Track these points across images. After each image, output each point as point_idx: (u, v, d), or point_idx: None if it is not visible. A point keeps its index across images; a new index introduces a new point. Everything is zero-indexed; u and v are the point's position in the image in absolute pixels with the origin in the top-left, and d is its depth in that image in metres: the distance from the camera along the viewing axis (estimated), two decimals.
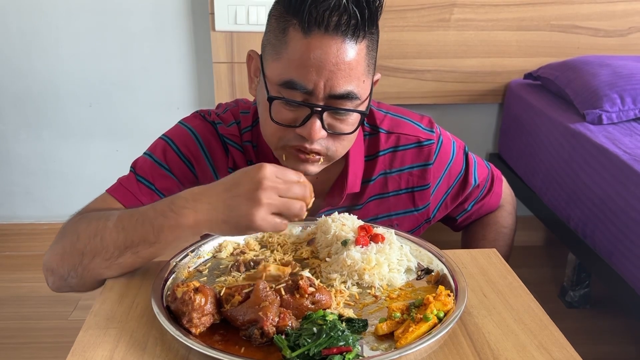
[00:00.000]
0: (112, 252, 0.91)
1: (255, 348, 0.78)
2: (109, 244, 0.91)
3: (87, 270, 0.94)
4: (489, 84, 2.50)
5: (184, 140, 1.12)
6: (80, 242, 0.93)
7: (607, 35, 2.44)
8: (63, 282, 0.98)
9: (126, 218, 0.91)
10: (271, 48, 0.99)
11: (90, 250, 0.92)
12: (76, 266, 0.94)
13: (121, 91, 2.51)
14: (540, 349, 0.81)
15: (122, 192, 1.08)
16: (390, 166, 1.18)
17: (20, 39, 2.42)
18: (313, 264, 1.00)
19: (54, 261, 0.97)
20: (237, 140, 1.13)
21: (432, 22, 2.37)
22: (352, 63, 0.95)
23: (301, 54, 0.93)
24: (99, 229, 0.92)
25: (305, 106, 0.96)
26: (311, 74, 0.93)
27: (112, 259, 0.92)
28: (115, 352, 0.78)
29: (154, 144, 1.14)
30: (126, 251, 0.91)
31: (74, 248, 0.94)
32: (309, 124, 0.97)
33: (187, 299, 0.80)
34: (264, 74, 1.00)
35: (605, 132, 1.88)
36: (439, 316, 0.83)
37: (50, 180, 2.61)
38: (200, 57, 2.47)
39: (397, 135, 1.18)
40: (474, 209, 1.30)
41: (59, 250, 0.97)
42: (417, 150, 1.18)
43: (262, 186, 0.82)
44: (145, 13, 2.40)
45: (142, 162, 1.12)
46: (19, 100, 2.51)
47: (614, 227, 1.68)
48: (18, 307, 2.27)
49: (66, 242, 0.96)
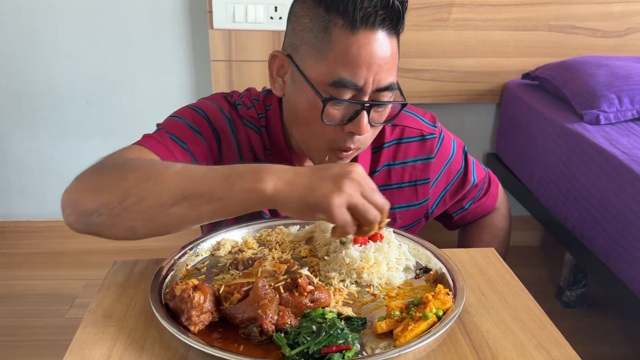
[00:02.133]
0: (166, 199, 0.84)
1: (254, 346, 0.77)
2: (164, 190, 0.84)
3: (127, 213, 0.86)
4: (486, 84, 2.50)
5: (213, 113, 1.11)
6: (127, 181, 0.86)
7: (604, 36, 2.45)
8: (84, 218, 0.89)
9: (193, 169, 0.86)
10: (311, 49, 0.99)
11: (138, 191, 0.85)
12: (113, 205, 0.86)
13: (118, 89, 2.50)
14: (538, 347, 0.81)
15: (155, 145, 1.02)
16: (394, 158, 1.20)
17: (17, 37, 2.41)
18: (311, 263, 1.00)
19: (82, 194, 0.89)
20: (255, 123, 1.13)
21: (430, 21, 2.38)
22: (392, 56, 0.99)
23: (350, 51, 0.95)
24: (154, 173, 0.86)
25: (356, 103, 0.98)
26: (362, 70, 0.96)
27: (162, 207, 0.84)
28: (114, 350, 0.78)
29: (181, 110, 1.11)
30: (183, 202, 0.83)
31: (117, 185, 0.86)
32: (358, 120, 0.99)
33: (186, 296, 0.80)
34: (306, 77, 0.99)
35: (603, 132, 1.89)
36: (437, 315, 0.83)
37: (46, 178, 2.60)
38: (198, 55, 2.46)
39: (401, 127, 1.20)
40: (470, 208, 1.31)
41: (92, 183, 0.89)
42: (421, 144, 1.20)
43: (349, 176, 0.81)
44: (142, 11, 2.40)
45: (170, 122, 1.08)
46: (15, 98, 2.50)
47: (610, 227, 1.68)
48: (14, 305, 2.26)
49: (106, 178, 0.89)
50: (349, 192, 0.80)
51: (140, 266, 0.99)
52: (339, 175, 0.81)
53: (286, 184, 0.81)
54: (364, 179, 0.82)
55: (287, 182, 0.82)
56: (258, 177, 0.82)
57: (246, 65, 2.32)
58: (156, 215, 0.85)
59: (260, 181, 0.82)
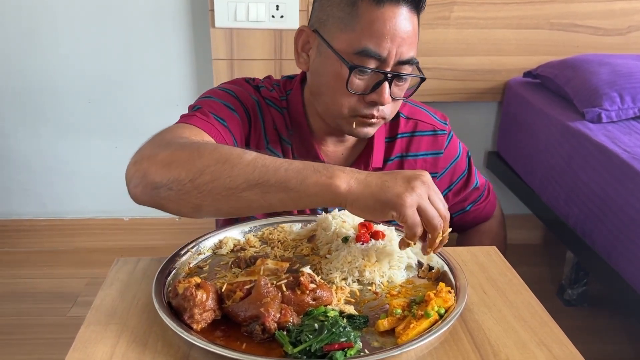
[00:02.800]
0: (240, 183, 0.86)
1: (256, 344, 0.78)
2: (239, 174, 0.86)
3: (197, 191, 0.88)
4: (488, 82, 2.50)
5: (242, 93, 1.16)
6: (202, 160, 0.88)
7: (606, 34, 2.44)
8: (152, 190, 0.90)
9: (268, 159, 0.88)
10: (337, 22, 1.05)
11: (213, 172, 0.87)
12: (184, 181, 0.88)
13: (120, 88, 2.50)
14: (540, 345, 0.81)
15: (204, 124, 1.04)
16: (407, 149, 1.24)
17: (19, 36, 2.41)
18: (313, 261, 1.01)
19: (155, 167, 0.90)
20: (278, 104, 1.18)
21: (432, 19, 2.37)
22: (414, 31, 1.06)
23: (375, 24, 1.02)
24: (231, 156, 0.88)
25: (379, 73, 1.04)
26: (386, 42, 1.02)
27: (235, 190, 0.86)
28: (117, 348, 0.78)
29: (210, 92, 1.14)
30: (256, 187, 0.86)
31: (192, 164, 0.88)
32: (381, 90, 1.05)
33: (189, 294, 0.80)
34: (332, 47, 1.05)
35: (605, 130, 1.89)
36: (439, 313, 0.83)
37: (48, 176, 2.60)
38: (199, 54, 2.46)
39: (415, 121, 1.25)
40: (471, 210, 1.35)
41: (165, 157, 0.90)
42: (432, 139, 1.25)
43: (420, 178, 0.85)
44: (144, 10, 2.40)
45: (207, 102, 1.10)
46: (18, 97, 2.50)
47: (612, 225, 1.68)
48: (17, 304, 2.27)
49: (180, 154, 0.90)
50: (420, 194, 0.83)
51: (143, 264, 0.99)
52: (411, 177, 0.85)
53: (359, 182, 0.85)
54: (432, 185, 0.86)
55: (359, 180, 0.85)
56: (332, 173, 0.85)
57: (248, 63, 2.32)
58: (227, 197, 0.87)
59: (334, 177, 0.85)
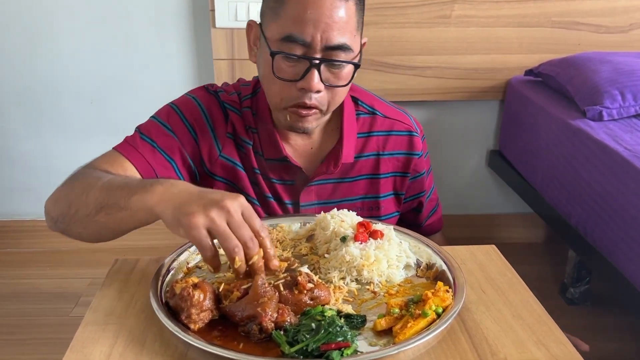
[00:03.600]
0: (91, 209, 0.95)
1: (254, 344, 0.78)
2: (90, 201, 0.95)
3: (72, 221, 0.99)
4: (489, 81, 2.50)
5: (188, 107, 1.19)
6: (72, 193, 0.99)
7: (608, 32, 2.44)
8: (54, 224, 1.04)
9: (114, 182, 0.96)
10: (270, 12, 1.06)
11: (76, 203, 0.97)
12: (64, 214, 1.00)
13: (122, 88, 2.51)
14: (538, 344, 0.81)
15: (125, 147, 1.13)
16: (383, 148, 1.25)
17: (22, 36, 2.42)
18: (312, 260, 1.00)
19: (50, 203, 1.04)
20: (236, 107, 1.20)
21: (432, 18, 2.37)
22: (344, 18, 1.03)
23: (298, 10, 1.02)
24: (89, 185, 0.97)
25: (305, 59, 1.03)
26: (309, 27, 1.01)
27: (89, 216, 0.96)
28: (114, 348, 0.79)
29: (160, 110, 1.21)
30: (102, 210, 0.94)
31: (66, 197, 1.00)
32: (309, 76, 1.04)
33: (186, 294, 0.80)
34: (265, 36, 1.07)
35: (606, 128, 1.88)
36: (437, 312, 0.83)
37: (51, 177, 2.60)
38: (200, 54, 2.47)
39: (392, 120, 1.26)
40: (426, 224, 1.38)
41: (56, 194, 1.04)
42: (408, 139, 1.26)
43: (221, 204, 0.83)
44: (145, 10, 2.40)
45: (146, 124, 1.18)
46: (20, 98, 2.51)
47: (614, 223, 1.68)
48: (19, 304, 2.27)
49: (63, 189, 1.03)
50: (212, 217, 0.83)
51: (142, 264, 1.00)
52: (212, 201, 0.84)
53: (170, 196, 0.88)
54: (236, 211, 0.84)
55: (171, 195, 0.88)
56: (151, 187, 0.90)
57: (248, 63, 2.32)
58: (89, 223, 0.97)
59: (150, 192, 0.89)
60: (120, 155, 1.10)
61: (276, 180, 1.20)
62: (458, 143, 2.67)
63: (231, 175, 1.19)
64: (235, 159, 1.18)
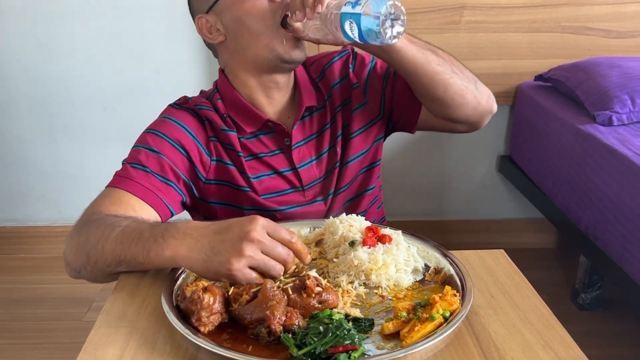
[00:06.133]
0: (110, 262, 0.96)
1: (262, 346, 0.79)
2: (108, 254, 0.96)
3: (94, 270, 1.00)
4: (500, 86, 2.49)
5: (166, 127, 1.19)
6: (88, 244, 0.98)
7: (618, 37, 2.43)
8: (77, 274, 1.04)
9: (127, 233, 0.95)
10: None
11: (93, 255, 0.98)
12: (85, 264, 1.00)
13: (134, 95, 2.54)
14: (546, 348, 0.81)
15: (120, 181, 1.12)
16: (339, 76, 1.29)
17: (35, 45, 2.46)
18: (321, 265, 1.01)
19: (69, 254, 1.03)
20: (207, 104, 1.22)
21: (442, 24, 2.38)
22: None
23: None
24: (103, 236, 0.97)
25: None
26: None
27: (110, 267, 0.97)
28: (126, 351, 0.80)
29: (139, 138, 1.20)
30: (121, 264, 0.96)
31: (84, 248, 0.99)
32: None
33: (196, 298, 0.82)
34: None
35: (616, 133, 1.88)
36: (444, 316, 0.84)
37: (65, 183, 2.64)
38: (212, 60, 2.46)
39: (318, 60, 1.32)
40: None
41: (74, 245, 1.02)
42: (340, 61, 1.31)
43: (248, 237, 0.84)
44: (157, 17, 2.43)
45: (131, 154, 1.18)
46: (35, 105, 2.54)
47: (624, 228, 1.67)
48: (34, 308, 2.30)
49: (79, 240, 1.01)
50: (248, 255, 0.84)
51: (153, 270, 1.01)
52: (238, 238, 0.84)
53: (190, 249, 0.88)
54: (262, 234, 0.85)
55: (190, 247, 0.88)
56: (165, 240, 0.90)
57: None
58: (111, 272, 0.99)
59: (166, 246, 0.90)
60: (121, 191, 1.10)
61: (265, 153, 1.22)
62: (468, 148, 2.66)
63: (225, 175, 1.20)
64: (227, 160, 1.20)
